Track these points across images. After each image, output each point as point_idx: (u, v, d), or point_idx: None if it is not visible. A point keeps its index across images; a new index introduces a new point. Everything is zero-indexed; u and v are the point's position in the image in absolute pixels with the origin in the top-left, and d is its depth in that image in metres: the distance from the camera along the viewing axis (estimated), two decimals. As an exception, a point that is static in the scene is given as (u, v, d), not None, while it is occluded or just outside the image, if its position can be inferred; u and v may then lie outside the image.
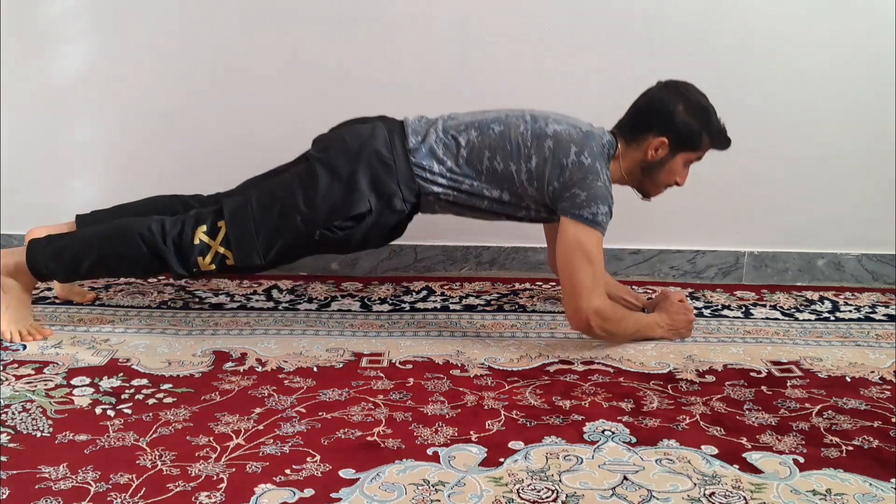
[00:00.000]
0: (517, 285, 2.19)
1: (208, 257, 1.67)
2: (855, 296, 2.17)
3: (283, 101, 2.17)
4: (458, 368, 1.64)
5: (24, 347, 1.67)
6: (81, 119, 2.21)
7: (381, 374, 1.59)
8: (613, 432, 1.38)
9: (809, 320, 1.98)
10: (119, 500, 1.14)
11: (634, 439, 1.35)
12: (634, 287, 2.18)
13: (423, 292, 2.11)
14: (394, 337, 1.80)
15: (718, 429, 1.40)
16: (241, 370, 1.60)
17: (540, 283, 2.19)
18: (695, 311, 1.88)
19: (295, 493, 1.17)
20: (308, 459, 1.27)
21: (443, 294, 2.10)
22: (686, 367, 1.66)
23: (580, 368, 1.64)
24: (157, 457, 1.26)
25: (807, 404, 1.51)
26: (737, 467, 1.27)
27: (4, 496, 1.15)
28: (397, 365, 1.64)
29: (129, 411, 1.42)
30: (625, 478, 1.23)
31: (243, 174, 2.13)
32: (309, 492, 1.18)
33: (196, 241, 1.66)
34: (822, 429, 1.41)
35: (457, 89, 2.14)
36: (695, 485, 1.22)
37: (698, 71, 2.15)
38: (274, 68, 2.15)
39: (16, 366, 1.59)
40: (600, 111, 1.83)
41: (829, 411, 1.48)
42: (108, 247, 1.69)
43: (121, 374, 1.57)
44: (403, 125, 1.74)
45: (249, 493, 1.17)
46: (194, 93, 2.17)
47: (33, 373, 1.56)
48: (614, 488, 1.21)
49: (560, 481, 1.22)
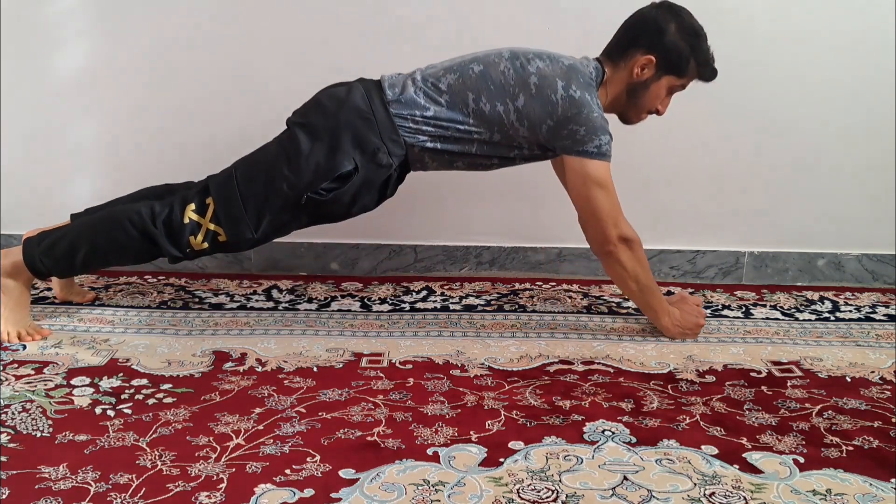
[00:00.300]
0: (517, 285, 2.18)
1: (200, 236, 1.66)
2: (855, 296, 2.17)
3: (283, 101, 2.16)
4: (458, 368, 1.63)
5: (24, 347, 1.67)
6: (81, 119, 2.21)
7: (381, 374, 1.59)
8: (613, 432, 1.38)
9: (810, 320, 1.98)
10: (119, 500, 1.14)
11: (634, 439, 1.35)
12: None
13: (423, 292, 2.11)
14: (394, 337, 1.80)
15: (718, 429, 1.40)
16: (241, 370, 1.60)
17: (540, 283, 2.19)
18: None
19: (295, 494, 1.17)
20: (308, 459, 1.27)
21: (443, 294, 2.10)
22: (686, 368, 1.66)
23: (580, 368, 1.64)
24: (156, 457, 1.26)
25: (807, 404, 1.51)
26: (737, 467, 1.27)
27: (4, 496, 1.15)
28: (397, 365, 1.64)
29: (129, 411, 1.42)
30: (625, 478, 1.23)
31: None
32: (309, 492, 1.18)
33: (186, 220, 1.65)
34: (822, 429, 1.41)
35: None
36: (695, 485, 1.22)
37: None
38: (275, 67, 2.15)
39: (15, 366, 1.59)
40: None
41: (830, 411, 1.48)
42: (99, 235, 1.68)
43: (121, 374, 1.57)
44: (380, 82, 1.71)
45: (249, 494, 1.17)
46: (194, 92, 2.17)
47: (33, 373, 1.56)
48: (614, 488, 1.21)
49: (560, 481, 1.22)
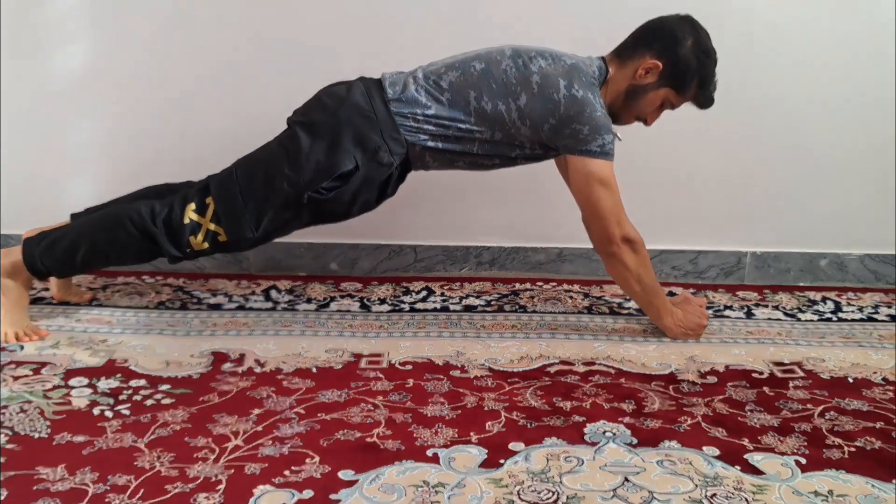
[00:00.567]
0: (517, 285, 2.18)
1: (200, 235, 1.66)
2: (857, 296, 2.16)
3: (284, 101, 2.16)
4: (458, 369, 1.63)
5: (22, 348, 1.67)
6: (81, 119, 2.20)
7: (381, 375, 1.59)
8: (614, 433, 1.37)
9: (812, 321, 1.97)
10: (117, 502, 1.14)
11: (636, 440, 1.35)
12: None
13: (423, 292, 2.11)
14: (393, 337, 1.80)
15: (720, 430, 1.39)
16: (240, 371, 1.59)
17: (540, 284, 2.18)
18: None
19: (294, 495, 1.17)
20: (307, 461, 1.26)
21: (443, 294, 2.10)
22: (688, 368, 1.65)
23: (581, 369, 1.64)
24: (155, 458, 1.26)
25: (809, 405, 1.50)
26: (738, 468, 1.27)
27: (3, 497, 1.15)
28: (397, 366, 1.64)
29: (128, 412, 1.41)
30: (626, 479, 1.23)
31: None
32: (308, 493, 1.17)
33: (186, 220, 1.65)
34: (824, 430, 1.41)
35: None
36: (696, 486, 1.21)
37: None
38: (275, 68, 2.14)
39: (13, 367, 1.58)
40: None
41: (832, 412, 1.48)
42: (99, 234, 1.67)
43: (119, 374, 1.56)
44: (381, 80, 1.71)
45: (248, 495, 1.16)
46: (194, 92, 2.17)
47: (31, 374, 1.56)
48: (615, 490, 1.20)
49: (561, 483, 1.21)
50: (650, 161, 2.17)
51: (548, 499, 1.17)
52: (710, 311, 2.00)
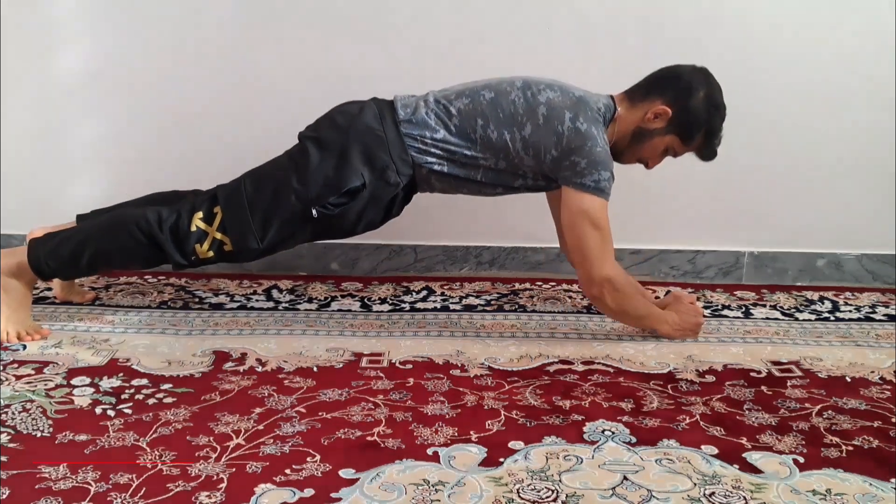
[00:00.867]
0: (517, 285, 2.18)
1: (205, 244, 1.67)
2: (855, 296, 2.17)
3: (286, 101, 2.17)
4: (458, 368, 1.63)
5: (24, 347, 1.67)
6: (81, 119, 2.21)
7: (381, 374, 1.59)
8: (613, 432, 1.38)
9: (809, 320, 1.98)
10: (119, 500, 1.14)
11: (634, 439, 1.35)
12: (634, 287, 2.18)
13: (423, 292, 2.11)
14: (394, 337, 1.80)
15: (718, 429, 1.40)
16: (241, 370, 1.60)
17: (540, 283, 2.19)
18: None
19: (295, 493, 1.17)
20: (308, 459, 1.27)
21: (443, 294, 2.10)
22: (686, 367, 1.66)
23: (580, 368, 1.64)
24: (157, 457, 1.26)
25: (807, 404, 1.51)
26: (737, 467, 1.27)
27: (4, 496, 1.15)
28: (397, 365, 1.64)
29: (129, 411, 1.42)
30: (625, 478, 1.23)
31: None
32: (309, 492, 1.18)
33: (193, 228, 1.66)
34: (822, 429, 1.41)
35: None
36: (695, 485, 1.22)
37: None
38: (277, 67, 2.15)
39: (16, 366, 1.59)
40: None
41: (830, 411, 1.48)
42: (105, 238, 1.68)
43: (121, 373, 1.57)
44: (393, 101, 1.73)
45: (249, 493, 1.17)
46: (195, 92, 2.17)
47: (33, 373, 1.56)
48: (614, 488, 1.21)
49: (560, 481, 1.22)
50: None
51: (547, 497, 1.18)
52: (708, 311, 2.01)
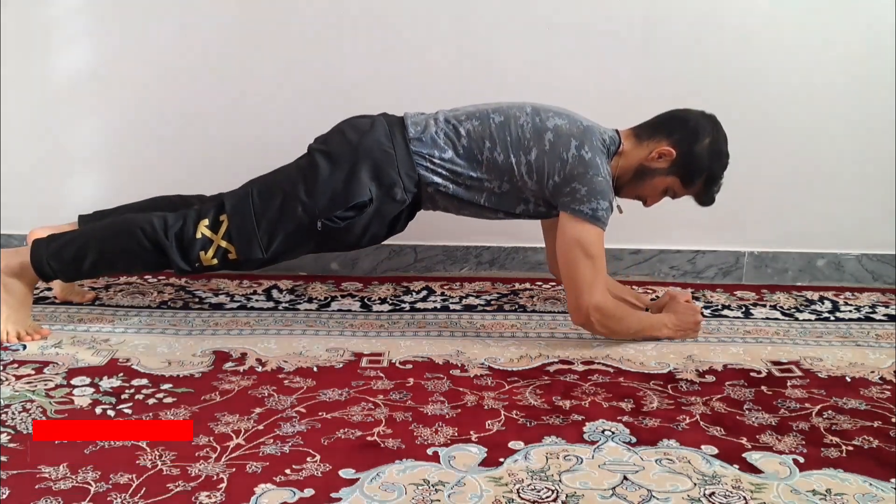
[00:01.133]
0: (517, 285, 2.18)
1: (210, 251, 1.67)
2: (855, 296, 2.17)
3: (285, 100, 2.17)
4: (458, 368, 1.64)
5: (24, 347, 1.67)
6: (81, 119, 2.21)
7: (381, 374, 1.59)
8: (613, 432, 1.38)
9: (809, 320, 1.98)
10: (119, 500, 1.14)
11: (634, 439, 1.35)
12: (634, 287, 2.18)
13: (423, 292, 2.11)
14: (394, 337, 1.80)
15: (718, 429, 1.40)
16: (241, 370, 1.60)
17: (540, 283, 2.19)
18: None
19: (295, 493, 1.17)
20: (308, 459, 1.27)
21: (443, 294, 2.10)
22: (686, 367, 1.66)
23: (580, 368, 1.64)
24: (157, 457, 1.26)
25: (807, 404, 1.51)
26: (737, 467, 1.27)
27: (4, 496, 1.15)
28: (397, 365, 1.64)
29: (129, 411, 1.42)
30: (625, 478, 1.23)
31: (245, 173, 2.13)
32: (309, 492, 1.18)
33: (198, 235, 1.66)
34: (822, 429, 1.41)
35: (457, 90, 2.14)
36: (695, 485, 1.22)
37: (698, 72, 2.16)
38: (276, 67, 2.15)
39: (16, 366, 1.59)
40: (599, 113, 1.82)
41: (829, 411, 1.48)
42: (109, 242, 1.69)
43: (121, 374, 1.57)
44: (403, 119, 1.74)
45: (249, 493, 1.17)
46: (195, 92, 2.17)
47: (33, 373, 1.56)
48: (614, 488, 1.21)
49: (560, 481, 1.22)
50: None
51: (547, 497, 1.18)
52: (708, 311, 2.01)
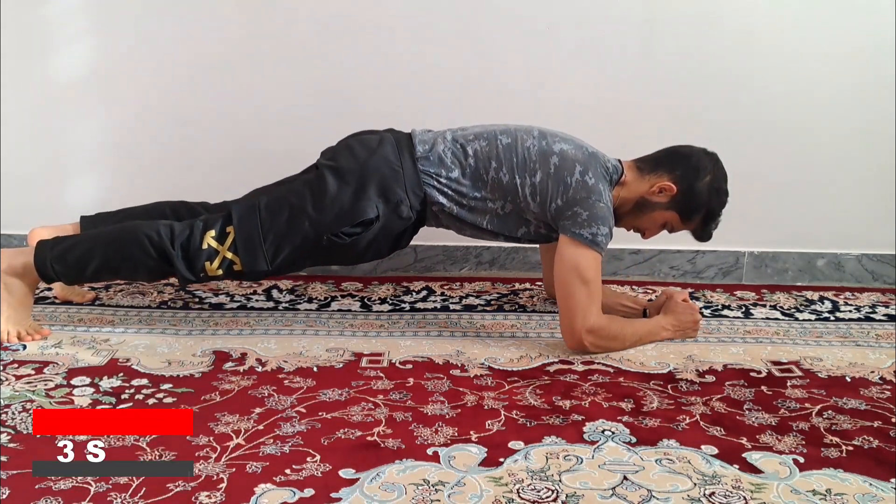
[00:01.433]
0: (517, 285, 2.19)
1: (216, 262, 1.67)
2: (855, 296, 2.17)
3: (284, 100, 2.17)
4: (458, 368, 1.64)
5: (24, 347, 1.67)
6: (81, 119, 2.21)
7: (381, 374, 1.59)
8: (613, 432, 1.38)
9: (809, 320, 1.98)
10: (119, 500, 1.14)
11: (634, 439, 1.35)
12: (634, 287, 2.18)
13: (423, 292, 2.12)
14: (394, 337, 1.80)
15: (718, 429, 1.40)
16: (241, 370, 1.60)
17: (540, 284, 2.19)
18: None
19: (295, 493, 1.17)
20: (308, 459, 1.27)
21: (443, 294, 2.10)
22: (686, 367, 1.66)
23: (580, 368, 1.64)
24: (157, 456, 1.26)
25: (807, 404, 1.51)
26: (737, 467, 1.27)
27: (4, 496, 1.15)
28: (397, 365, 1.64)
29: (129, 411, 1.42)
30: (625, 478, 1.23)
31: (245, 174, 2.13)
32: (309, 492, 1.18)
33: (204, 245, 1.67)
34: (822, 429, 1.42)
35: (458, 89, 2.15)
36: (695, 485, 1.22)
37: (698, 72, 2.16)
38: (277, 67, 2.15)
39: (16, 366, 1.59)
40: (600, 113, 1.83)
41: (829, 411, 1.48)
42: (115, 249, 1.69)
43: (121, 373, 1.57)
44: (411, 136, 1.76)
45: (249, 493, 1.17)
46: (195, 92, 2.17)
47: (33, 373, 1.56)
48: (614, 488, 1.21)
49: (560, 481, 1.22)
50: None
51: (547, 497, 1.18)
52: (708, 311, 2.01)
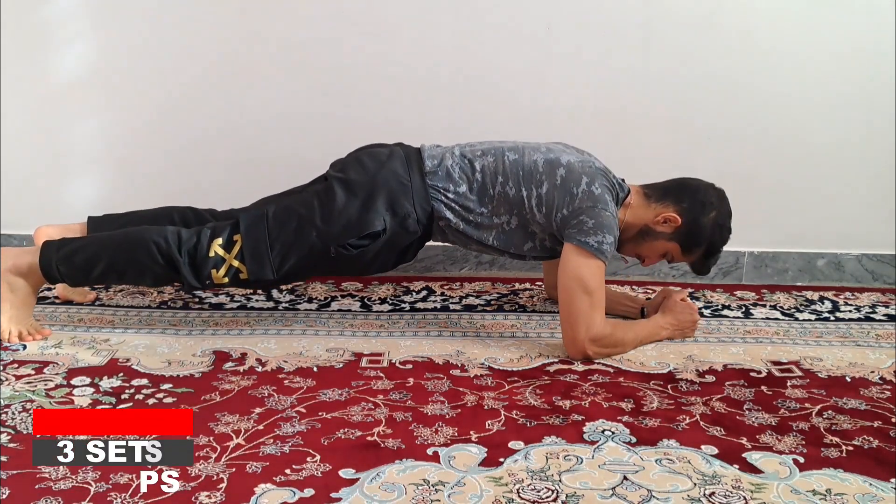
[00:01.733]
0: (517, 285, 2.19)
1: (222, 270, 1.68)
2: (855, 296, 2.17)
3: (284, 100, 2.17)
4: (458, 368, 1.64)
5: (24, 347, 1.67)
6: (81, 119, 2.21)
7: (381, 374, 1.59)
8: (613, 432, 1.38)
9: (809, 320, 1.98)
10: (119, 500, 1.14)
11: (634, 439, 1.35)
12: (634, 287, 2.18)
13: (423, 292, 2.12)
14: (394, 337, 1.80)
15: (718, 429, 1.40)
16: (241, 370, 1.60)
17: (540, 284, 2.19)
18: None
19: (295, 493, 1.17)
20: (308, 459, 1.27)
21: (443, 294, 2.10)
22: (686, 367, 1.66)
23: (580, 368, 1.64)
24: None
25: (807, 404, 1.51)
26: (737, 467, 1.27)
27: (4, 496, 1.15)
28: (397, 365, 1.64)
29: (129, 411, 1.42)
30: (625, 478, 1.23)
31: (243, 172, 2.14)
32: (309, 492, 1.18)
33: (211, 253, 1.67)
34: (822, 429, 1.42)
35: (459, 91, 2.15)
36: (695, 485, 1.22)
37: (699, 72, 2.16)
38: (276, 67, 2.15)
39: (16, 366, 1.59)
40: (600, 114, 1.83)
41: (829, 411, 1.48)
42: (121, 253, 1.69)
43: (121, 373, 1.57)
44: (420, 150, 1.76)
45: (249, 493, 1.17)
46: (194, 92, 2.17)
47: (33, 373, 1.56)
48: (614, 488, 1.21)
49: (560, 481, 1.22)
50: (649, 160, 2.17)
51: (547, 497, 1.18)
52: (708, 311, 2.01)
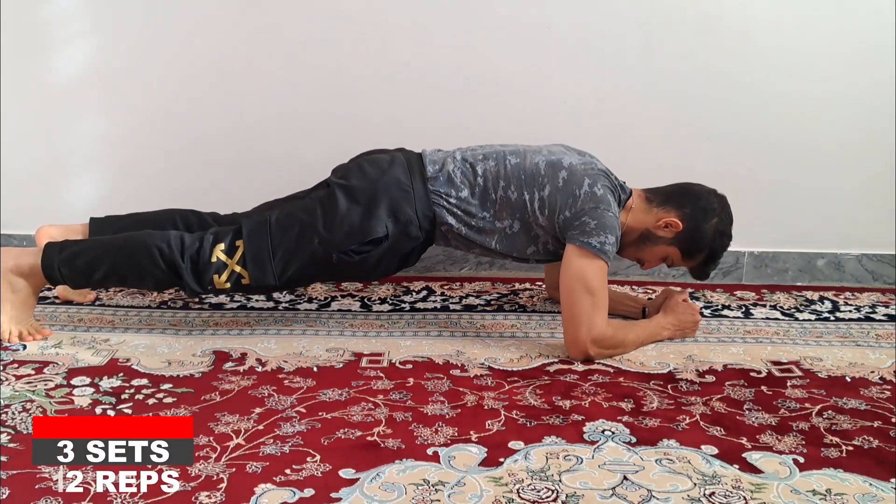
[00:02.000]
0: (517, 285, 2.19)
1: (224, 275, 1.68)
2: (855, 296, 2.17)
3: (284, 100, 2.17)
4: (458, 368, 1.64)
5: (24, 347, 1.67)
6: (81, 119, 2.21)
7: (381, 374, 1.59)
8: (613, 432, 1.38)
9: (809, 320, 1.98)
10: (119, 500, 1.14)
11: (634, 439, 1.35)
12: (634, 287, 2.18)
13: (423, 292, 2.12)
14: (394, 337, 1.80)
15: (718, 429, 1.40)
16: (241, 370, 1.60)
17: (540, 283, 2.19)
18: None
19: (295, 493, 1.17)
20: (308, 459, 1.27)
21: (443, 294, 2.10)
22: (686, 367, 1.66)
23: (580, 368, 1.64)
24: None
25: (807, 404, 1.51)
26: (737, 467, 1.27)
27: (4, 496, 1.15)
28: (397, 365, 1.65)
29: (129, 411, 1.42)
30: (625, 478, 1.23)
31: (243, 172, 2.14)
32: (309, 492, 1.18)
33: (213, 258, 1.67)
34: (822, 429, 1.42)
35: (459, 91, 2.15)
36: (695, 485, 1.22)
37: (699, 71, 2.16)
38: (276, 67, 2.15)
39: (16, 366, 1.59)
40: (600, 115, 1.83)
41: (829, 411, 1.48)
42: (124, 257, 1.69)
43: (121, 374, 1.57)
44: (422, 156, 1.76)
45: (249, 493, 1.17)
46: (194, 93, 2.17)
47: (33, 373, 1.56)
48: (614, 488, 1.21)
49: (560, 481, 1.22)
50: (649, 160, 2.18)
51: (547, 497, 1.18)
52: (708, 311, 2.01)
